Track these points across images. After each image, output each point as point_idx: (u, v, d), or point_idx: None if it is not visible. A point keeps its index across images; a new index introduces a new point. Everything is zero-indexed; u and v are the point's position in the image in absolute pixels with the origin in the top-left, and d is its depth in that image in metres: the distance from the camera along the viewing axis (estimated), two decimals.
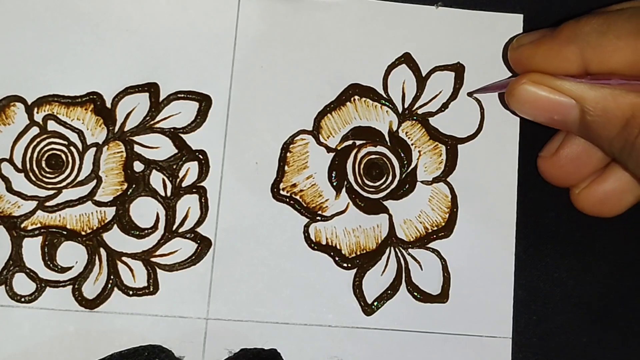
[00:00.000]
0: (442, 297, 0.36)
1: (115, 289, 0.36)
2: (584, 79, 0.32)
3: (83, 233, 0.36)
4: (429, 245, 0.37)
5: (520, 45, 0.34)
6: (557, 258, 0.37)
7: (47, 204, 0.36)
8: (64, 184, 0.36)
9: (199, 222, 0.37)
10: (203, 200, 0.37)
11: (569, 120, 0.32)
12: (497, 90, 0.36)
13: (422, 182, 0.37)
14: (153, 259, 0.36)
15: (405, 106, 0.38)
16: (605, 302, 0.37)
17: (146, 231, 0.36)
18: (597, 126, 0.32)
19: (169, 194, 0.37)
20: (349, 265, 0.37)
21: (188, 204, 0.37)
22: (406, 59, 0.38)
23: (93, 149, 0.37)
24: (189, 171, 0.37)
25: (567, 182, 0.36)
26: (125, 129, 0.37)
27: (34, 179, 0.36)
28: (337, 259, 0.37)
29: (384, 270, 0.37)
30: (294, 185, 0.37)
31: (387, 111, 0.38)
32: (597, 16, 0.32)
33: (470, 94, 0.38)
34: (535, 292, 0.37)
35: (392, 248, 0.37)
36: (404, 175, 0.37)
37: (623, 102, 0.31)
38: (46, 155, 0.37)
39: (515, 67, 0.34)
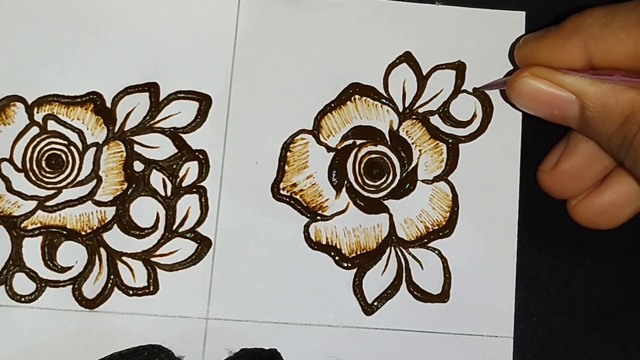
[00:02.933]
0: (443, 296, 0.36)
1: (115, 288, 0.36)
2: (587, 74, 0.32)
3: (83, 233, 0.36)
4: (429, 245, 0.37)
5: (526, 43, 0.34)
6: (559, 257, 0.37)
7: (47, 203, 0.36)
8: (64, 183, 0.36)
9: (199, 222, 0.37)
10: (203, 200, 0.37)
11: (568, 115, 0.32)
12: (502, 86, 0.36)
13: (422, 181, 0.37)
14: (153, 259, 0.36)
15: (406, 105, 0.38)
16: (607, 303, 0.37)
17: (146, 231, 0.36)
18: (596, 122, 0.31)
19: (169, 193, 0.37)
20: (349, 265, 0.36)
21: (188, 204, 0.37)
22: (407, 58, 0.38)
23: (93, 149, 0.37)
24: (189, 171, 0.37)
25: (567, 195, 0.36)
26: (125, 129, 0.37)
27: (34, 178, 0.36)
28: (337, 258, 0.36)
29: (384, 270, 0.36)
30: (294, 184, 0.37)
31: (387, 110, 0.38)
32: (601, 8, 0.32)
33: (475, 90, 0.37)
34: (537, 292, 0.37)
35: (392, 247, 0.37)
36: (404, 175, 0.37)
37: (623, 98, 0.30)
38: (46, 155, 0.37)
39: (520, 64, 0.34)
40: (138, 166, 0.37)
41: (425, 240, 0.37)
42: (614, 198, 0.35)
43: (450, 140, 0.37)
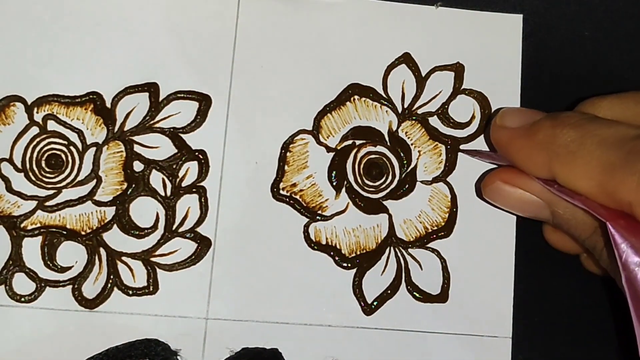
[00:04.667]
0: (442, 297, 0.36)
1: (115, 288, 0.36)
2: (552, 188, 0.31)
3: (83, 233, 0.36)
4: (428, 245, 0.37)
5: (502, 126, 0.33)
6: (557, 257, 0.37)
7: (47, 203, 0.36)
8: (63, 183, 0.36)
9: (199, 222, 0.37)
10: (203, 200, 0.37)
11: (541, 216, 0.33)
12: (486, 159, 0.37)
13: (421, 182, 0.37)
14: (153, 259, 0.36)
15: (405, 106, 0.38)
16: (607, 303, 0.37)
17: (146, 231, 0.36)
18: (568, 227, 0.32)
19: (168, 193, 0.37)
20: (349, 265, 0.37)
21: (188, 204, 0.37)
22: (406, 59, 0.38)
23: (93, 149, 0.37)
24: (189, 171, 0.37)
25: (575, 251, 0.36)
26: (125, 129, 0.37)
27: (33, 178, 0.36)
28: (337, 258, 0.37)
29: (383, 270, 0.37)
30: (294, 185, 0.37)
31: (386, 111, 0.38)
32: (574, 127, 0.30)
33: (461, 151, 0.37)
34: (536, 292, 0.37)
35: (392, 248, 0.37)
36: (403, 175, 0.37)
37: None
38: (46, 155, 0.37)
39: (494, 145, 0.34)
40: (138, 166, 0.37)
41: (425, 241, 0.37)
42: None
43: (448, 141, 0.38)
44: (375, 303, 0.36)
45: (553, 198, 0.32)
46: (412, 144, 0.38)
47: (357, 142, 0.38)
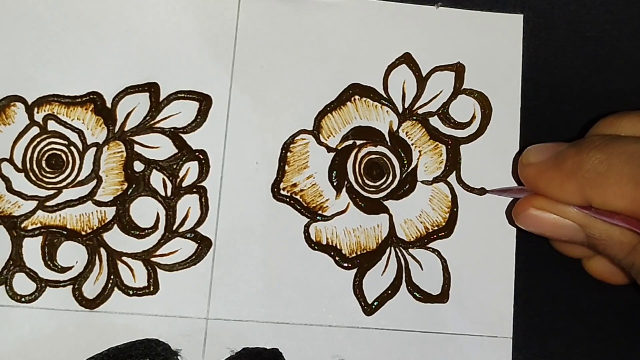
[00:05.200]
0: (443, 297, 0.36)
1: (116, 288, 0.36)
2: (588, 211, 0.31)
3: (83, 233, 0.36)
4: (429, 245, 0.37)
5: (528, 164, 0.33)
6: (557, 257, 0.37)
7: (47, 203, 0.36)
8: (64, 183, 0.36)
9: (199, 222, 0.37)
10: (203, 200, 0.37)
11: (576, 240, 0.33)
12: (517, 194, 0.36)
13: (422, 182, 0.37)
14: (153, 259, 0.36)
15: (406, 106, 0.38)
16: (606, 303, 0.37)
17: (146, 231, 0.36)
18: (605, 247, 0.32)
19: (169, 193, 0.37)
20: (349, 265, 0.37)
21: (188, 204, 0.37)
22: (406, 59, 0.38)
23: (93, 149, 0.37)
24: (189, 171, 0.37)
25: (579, 255, 0.36)
26: (126, 129, 0.37)
27: (34, 178, 0.36)
28: (337, 258, 0.37)
29: (384, 270, 0.37)
30: (294, 185, 0.37)
31: (387, 111, 0.38)
32: (599, 149, 0.30)
33: (489, 192, 0.37)
34: (536, 292, 0.37)
35: (392, 248, 0.37)
36: (404, 175, 0.37)
37: (627, 231, 0.31)
38: (46, 155, 0.37)
39: (524, 183, 0.34)
40: (138, 166, 0.37)
41: (425, 241, 0.37)
42: None
43: (449, 141, 0.38)
44: (375, 303, 0.36)
45: (588, 221, 0.32)
46: (412, 144, 0.38)
47: (358, 142, 0.38)
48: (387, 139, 0.38)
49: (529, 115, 0.38)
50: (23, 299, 0.36)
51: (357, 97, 0.38)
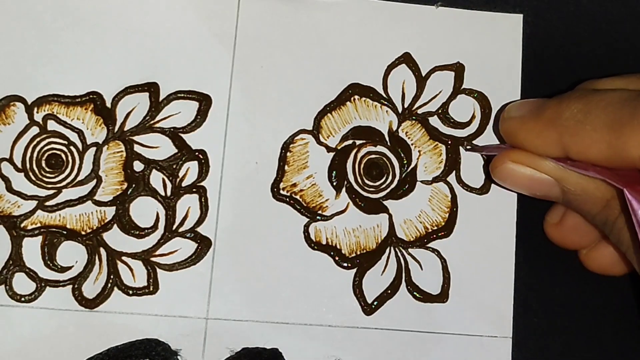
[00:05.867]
0: (442, 296, 0.36)
1: (115, 288, 0.36)
2: (564, 163, 0.32)
3: (83, 233, 0.36)
4: (428, 245, 0.37)
5: (509, 118, 0.34)
6: (557, 257, 0.37)
7: (47, 203, 0.36)
8: (63, 183, 0.36)
9: (199, 221, 0.37)
10: (203, 200, 0.37)
11: (551, 195, 0.33)
12: (495, 152, 0.36)
13: (422, 181, 0.37)
14: (153, 259, 0.36)
15: (405, 106, 0.38)
16: (606, 303, 0.37)
17: (146, 231, 0.36)
18: (578, 203, 0.32)
19: (169, 193, 0.37)
20: (349, 265, 0.37)
21: (188, 204, 0.37)
22: (406, 59, 0.38)
23: (93, 149, 0.37)
24: (189, 171, 0.37)
25: (576, 247, 0.36)
26: (125, 129, 0.37)
27: (33, 178, 0.36)
28: (337, 258, 0.37)
29: (384, 270, 0.37)
30: (294, 185, 0.37)
31: (387, 111, 0.38)
32: (578, 100, 0.31)
33: (467, 149, 0.38)
34: (536, 292, 0.37)
35: (392, 248, 0.37)
36: (403, 175, 0.37)
37: (601, 185, 0.31)
38: (46, 154, 0.37)
39: (504, 137, 0.34)
40: (138, 166, 0.37)
41: (425, 241, 0.37)
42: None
43: (448, 141, 0.38)
44: (375, 303, 0.36)
45: (564, 175, 0.32)
46: (412, 144, 0.38)
47: (358, 142, 0.38)
48: (387, 138, 0.38)
49: None
50: (23, 299, 0.36)
51: (356, 97, 0.38)
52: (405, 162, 0.38)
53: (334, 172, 0.37)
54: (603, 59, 0.39)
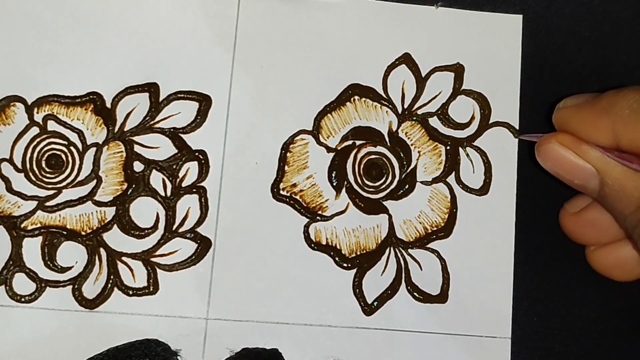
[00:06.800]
0: (442, 297, 0.37)
1: (115, 289, 0.36)
2: (611, 153, 0.32)
3: (83, 233, 0.36)
4: (428, 246, 0.37)
5: (565, 107, 0.34)
6: (556, 258, 0.37)
7: (47, 204, 0.36)
8: (64, 184, 0.36)
9: (199, 222, 0.37)
10: (203, 200, 0.37)
11: (588, 186, 0.33)
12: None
13: (421, 182, 0.37)
14: (153, 259, 0.36)
15: (405, 106, 0.38)
16: (605, 303, 0.37)
17: (146, 231, 0.36)
18: (613, 200, 0.32)
19: (169, 194, 0.37)
20: (349, 265, 0.37)
21: (188, 204, 0.37)
22: (406, 59, 0.38)
23: (93, 149, 0.37)
24: (189, 171, 0.37)
25: (586, 241, 0.36)
26: (125, 129, 0.37)
27: (34, 179, 0.36)
28: (337, 259, 0.37)
29: (383, 270, 0.37)
30: (294, 185, 0.37)
31: (386, 111, 0.38)
32: (636, 89, 0.31)
33: (521, 138, 0.37)
34: (535, 293, 0.37)
35: (391, 248, 0.37)
36: (403, 176, 0.38)
37: None
38: (46, 155, 0.37)
39: (556, 127, 0.34)
40: (138, 166, 0.37)
41: (425, 241, 0.37)
42: (633, 254, 0.35)
43: (448, 142, 0.38)
44: (375, 303, 0.36)
45: (606, 167, 0.32)
46: (412, 145, 0.38)
47: (357, 143, 0.38)
48: (387, 139, 0.38)
49: (528, 116, 0.38)
50: (23, 299, 0.36)
51: (356, 97, 0.38)
52: (405, 162, 0.38)
53: (334, 173, 0.37)
54: (603, 59, 0.39)
